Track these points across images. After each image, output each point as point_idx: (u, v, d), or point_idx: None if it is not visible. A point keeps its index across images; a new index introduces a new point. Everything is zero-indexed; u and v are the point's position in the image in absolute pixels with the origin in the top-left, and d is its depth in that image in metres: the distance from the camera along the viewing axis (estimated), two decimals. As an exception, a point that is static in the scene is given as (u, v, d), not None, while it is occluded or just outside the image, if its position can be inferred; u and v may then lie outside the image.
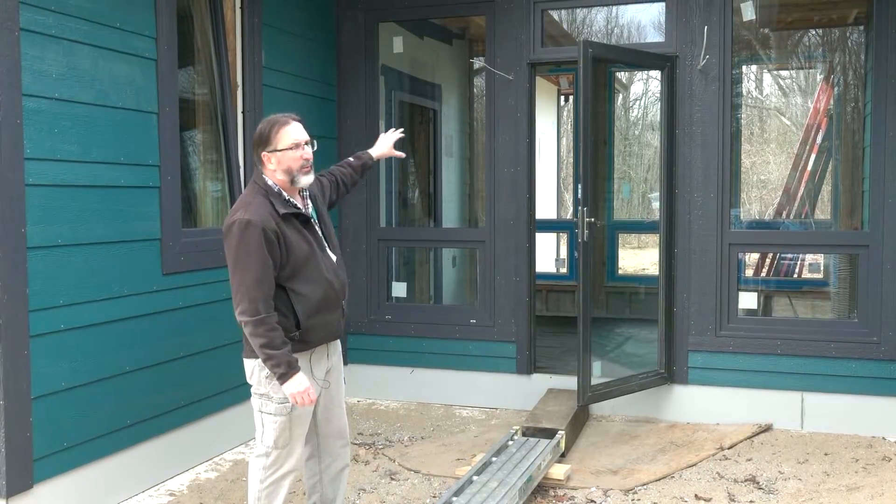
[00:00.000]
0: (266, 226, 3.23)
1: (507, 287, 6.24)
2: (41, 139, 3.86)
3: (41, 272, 3.87)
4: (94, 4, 4.15)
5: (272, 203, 3.31)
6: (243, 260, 3.22)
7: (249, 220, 3.22)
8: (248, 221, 3.22)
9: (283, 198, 3.36)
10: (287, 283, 3.32)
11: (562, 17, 9.38)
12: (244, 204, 3.32)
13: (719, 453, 5.22)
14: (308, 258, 3.35)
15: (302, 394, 3.27)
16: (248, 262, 3.21)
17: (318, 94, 6.28)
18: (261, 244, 3.21)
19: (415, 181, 8.81)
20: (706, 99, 5.79)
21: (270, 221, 3.25)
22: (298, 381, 3.26)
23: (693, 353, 5.87)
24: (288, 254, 3.30)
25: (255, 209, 3.26)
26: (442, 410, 6.26)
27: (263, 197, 3.33)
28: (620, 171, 13.90)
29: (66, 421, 4.04)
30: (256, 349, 3.26)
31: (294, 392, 3.27)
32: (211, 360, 5.05)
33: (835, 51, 8.99)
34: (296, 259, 3.32)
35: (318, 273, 3.38)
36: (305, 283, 3.35)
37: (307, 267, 3.35)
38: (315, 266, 3.38)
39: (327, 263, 3.45)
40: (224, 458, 5.17)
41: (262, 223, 3.22)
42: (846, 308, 7.09)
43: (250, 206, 3.28)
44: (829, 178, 8.91)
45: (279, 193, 3.36)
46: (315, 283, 3.37)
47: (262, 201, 3.31)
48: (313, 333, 3.40)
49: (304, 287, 3.34)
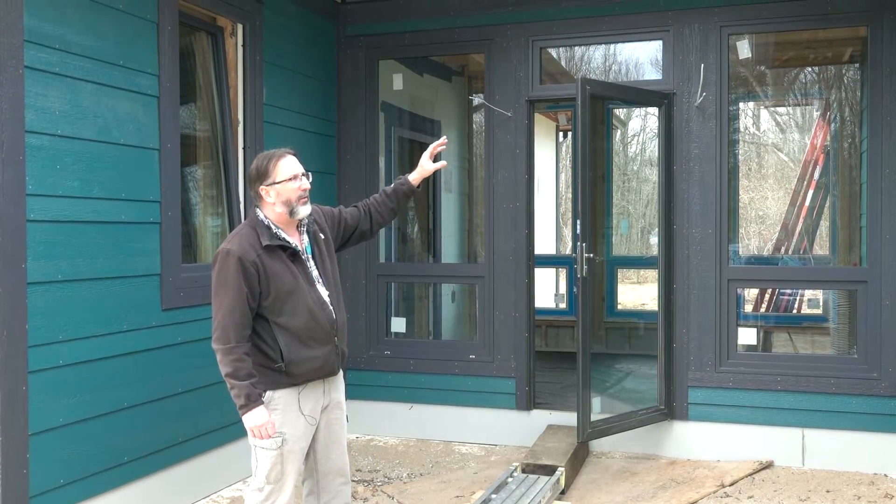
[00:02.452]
0: (244, 256, 3.29)
1: (506, 322, 6.24)
2: (43, 175, 3.88)
3: (41, 308, 3.87)
4: (97, 42, 4.20)
5: (258, 234, 3.37)
6: (221, 289, 3.30)
7: (229, 251, 3.31)
8: (228, 251, 3.31)
9: (270, 231, 3.41)
10: (270, 316, 3.36)
11: (560, 54, 9.46)
12: (232, 235, 3.42)
13: (720, 490, 5.19)
14: (292, 291, 3.37)
15: (259, 427, 3.31)
16: (224, 291, 3.29)
17: (318, 131, 6.33)
18: (237, 273, 3.27)
19: (414, 216, 8.83)
20: (703, 135, 5.84)
21: (251, 253, 3.31)
22: (256, 414, 3.30)
23: (693, 389, 5.85)
24: (269, 285, 3.33)
25: (237, 240, 3.35)
26: (441, 447, 6.23)
27: (251, 228, 3.40)
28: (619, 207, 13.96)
29: (64, 457, 4.01)
30: (223, 376, 3.30)
31: (251, 426, 3.31)
32: (210, 397, 5.03)
33: (831, 88, 9.08)
34: (278, 291, 3.35)
35: (303, 307, 3.39)
36: (290, 315, 3.37)
37: (291, 300, 3.37)
38: (300, 300, 3.39)
39: (314, 297, 3.44)
40: (222, 494, 5.13)
41: (241, 254, 3.29)
42: (846, 344, 7.09)
43: (234, 238, 3.38)
44: (827, 214, 8.94)
45: (267, 226, 3.42)
46: (298, 317, 3.38)
47: (248, 232, 3.39)
48: (298, 367, 3.40)
49: (286, 320, 3.37)
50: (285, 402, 3.39)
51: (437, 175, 8.98)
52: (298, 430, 3.42)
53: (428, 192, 8.96)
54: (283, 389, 3.38)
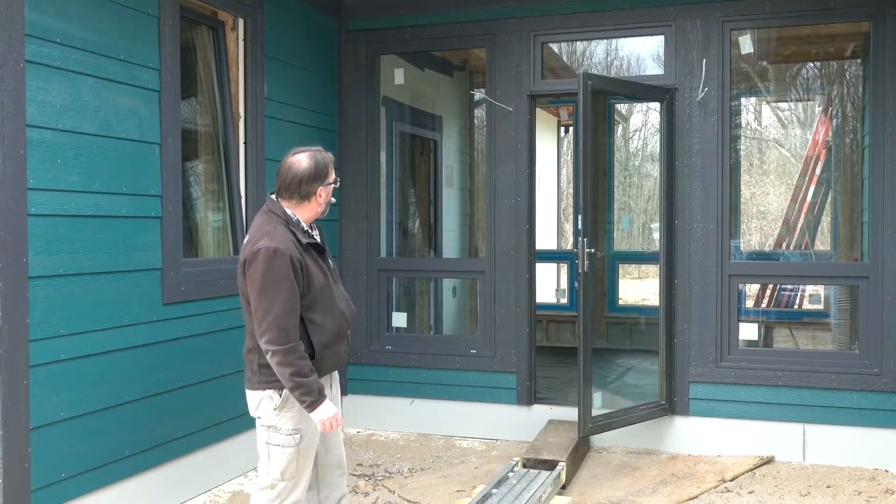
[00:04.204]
0: (292, 255, 3.26)
1: (507, 317, 6.24)
2: (44, 169, 3.88)
3: (42, 302, 3.87)
4: (98, 36, 4.19)
5: (294, 233, 3.35)
6: (271, 288, 3.23)
7: (277, 248, 3.24)
8: (276, 249, 3.24)
9: (302, 228, 3.41)
10: (305, 314, 3.35)
11: (562, 49, 9.45)
12: (265, 233, 3.32)
13: (721, 485, 5.19)
14: (324, 288, 3.40)
15: (331, 419, 3.31)
16: (277, 291, 3.22)
17: (319, 125, 6.33)
18: (289, 272, 3.24)
19: (415, 212, 8.83)
20: (705, 131, 5.83)
21: (295, 251, 3.29)
22: (327, 407, 3.30)
23: (694, 385, 5.85)
24: (308, 284, 3.33)
25: (280, 238, 3.29)
26: (442, 441, 6.23)
27: (284, 227, 3.35)
28: (620, 202, 13.96)
29: (65, 451, 4.02)
30: (284, 378, 3.24)
31: (324, 418, 3.30)
32: (211, 391, 5.03)
33: (833, 83, 9.06)
34: (314, 289, 3.35)
35: (333, 303, 3.43)
36: (323, 313, 3.38)
37: (323, 297, 3.39)
38: (330, 296, 3.42)
39: (339, 293, 3.50)
40: (223, 489, 5.14)
41: (289, 252, 3.25)
42: (847, 339, 7.08)
43: (275, 235, 3.30)
44: (828, 210, 8.93)
45: (298, 223, 3.40)
46: (330, 314, 3.41)
47: (285, 231, 3.33)
48: (324, 363, 3.42)
49: (320, 317, 3.37)
50: None
51: (439, 170, 8.98)
52: (313, 426, 3.41)
53: (429, 187, 8.96)
54: None
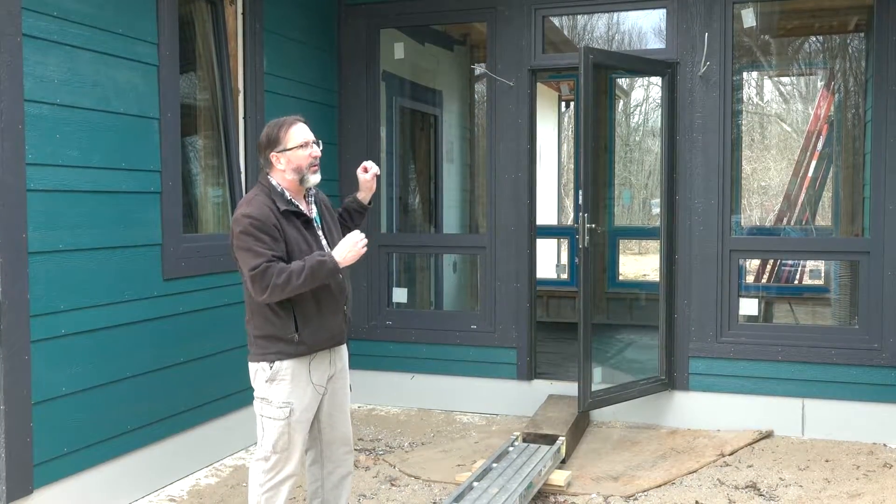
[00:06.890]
0: (266, 220, 3.29)
1: (507, 293, 6.24)
2: (43, 144, 3.86)
3: (42, 277, 3.87)
4: (96, 10, 4.16)
5: (273, 200, 3.37)
6: (246, 254, 3.26)
7: (249, 213, 3.29)
8: (248, 214, 3.29)
9: (284, 197, 3.41)
10: None
11: (563, 23, 9.39)
12: (246, 201, 3.40)
13: (720, 460, 5.22)
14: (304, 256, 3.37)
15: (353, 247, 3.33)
16: (252, 244, 3.25)
17: (319, 100, 6.29)
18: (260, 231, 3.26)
19: (415, 187, 8.81)
20: (707, 105, 5.80)
21: (271, 217, 3.32)
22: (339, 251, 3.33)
23: (694, 360, 5.87)
24: (287, 250, 3.34)
25: (255, 206, 3.34)
26: (442, 416, 6.26)
27: (265, 195, 3.39)
28: (621, 178, 13.92)
29: (67, 426, 4.04)
30: (297, 287, 3.23)
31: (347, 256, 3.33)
32: (212, 366, 5.05)
33: (835, 58, 9.00)
34: (294, 258, 3.34)
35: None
36: None
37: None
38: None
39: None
40: (224, 463, 5.17)
41: (263, 218, 3.29)
42: (847, 314, 7.09)
43: (251, 203, 3.36)
44: (829, 185, 8.91)
45: (281, 193, 3.42)
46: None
47: (263, 199, 3.37)
48: (312, 336, 3.41)
49: None
50: (293, 373, 3.39)
51: (439, 145, 8.95)
52: (305, 400, 3.43)
53: (429, 162, 8.94)
54: (291, 360, 3.37)
